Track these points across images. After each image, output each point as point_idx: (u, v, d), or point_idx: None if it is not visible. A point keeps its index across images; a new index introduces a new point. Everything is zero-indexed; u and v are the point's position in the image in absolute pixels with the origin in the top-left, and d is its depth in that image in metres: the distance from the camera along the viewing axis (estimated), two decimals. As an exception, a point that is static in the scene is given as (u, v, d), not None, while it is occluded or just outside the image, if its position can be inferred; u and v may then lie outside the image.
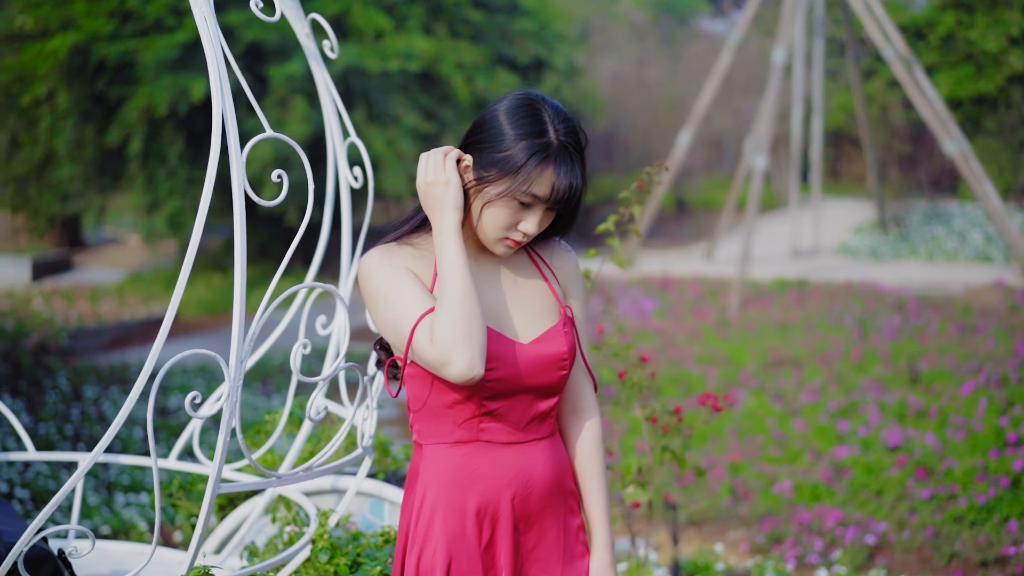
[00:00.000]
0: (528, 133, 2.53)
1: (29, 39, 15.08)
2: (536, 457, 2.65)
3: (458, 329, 2.41)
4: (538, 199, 2.54)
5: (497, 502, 2.60)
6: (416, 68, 15.53)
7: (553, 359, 2.62)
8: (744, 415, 8.57)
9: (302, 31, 3.37)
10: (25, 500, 6.55)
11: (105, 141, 15.01)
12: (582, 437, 2.77)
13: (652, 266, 17.26)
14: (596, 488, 2.76)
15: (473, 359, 2.41)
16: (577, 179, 2.55)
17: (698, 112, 16.47)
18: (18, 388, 9.34)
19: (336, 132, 3.43)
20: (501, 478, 2.60)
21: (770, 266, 16.83)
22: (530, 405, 2.62)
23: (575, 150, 2.56)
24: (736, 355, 10.71)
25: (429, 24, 16.58)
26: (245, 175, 2.50)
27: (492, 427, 2.59)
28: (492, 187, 2.53)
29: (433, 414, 2.60)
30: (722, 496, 6.96)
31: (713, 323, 12.53)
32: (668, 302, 13.94)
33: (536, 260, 2.75)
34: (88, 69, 14.73)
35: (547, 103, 2.58)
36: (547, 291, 2.71)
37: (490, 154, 2.54)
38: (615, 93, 25.16)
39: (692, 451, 7.73)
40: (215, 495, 2.44)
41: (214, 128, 2.47)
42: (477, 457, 2.59)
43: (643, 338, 11.64)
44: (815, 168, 18.89)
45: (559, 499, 2.69)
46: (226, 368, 2.43)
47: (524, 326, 2.64)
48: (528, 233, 2.56)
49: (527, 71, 18.21)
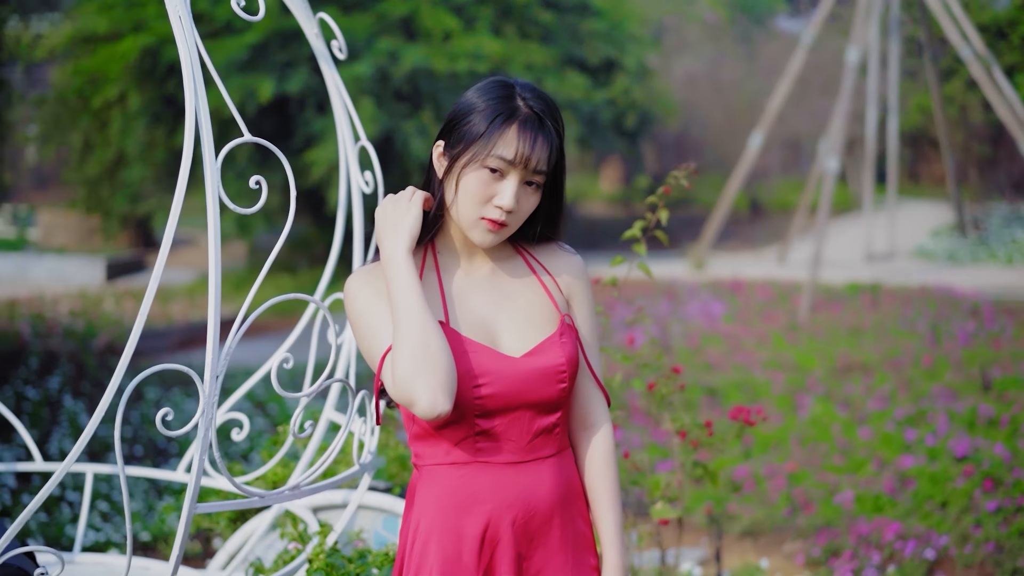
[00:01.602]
0: (495, 98, 2.44)
1: (101, 41, 15.23)
2: (540, 477, 2.49)
3: (414, 365, 2.29)
4: (505, 161, 2.40)
5: (497, 525, 2.44)
6: (484, 69, 15.45)
7: (550, 372, 2.46)
8: (809, 422, 8.37)
9: (311, 31, 3.27)
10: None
11: (175, 142, 15.12)
12: (592, 454, 2.60)
13: (723, 269, 17.04)
14: (607, 508, 2.59)
15: (435, 395, 2.28)
16: (547, 143, 2.43)
17: (770, 113, 16.23)
18: (80, 389, 9.38)
19: (347, 135, 3.32)
20: (502, 500, 2.45)
21: (843, 269, 16.55)
22: (531, 422, 2.47)
23: (546, 117, 2.45)
24: (804, 361, 10.49)
25: (498, 25, 16.50)
26: (220, 181, 2.40)
27: (490, 447, 2.45)
28: (461, 159, 2.43)
29: (427, 435, 2.47)
30: (780, 506, 6.78)
31: (782, 327, 12.30)
32: (737, 306, 13.73)
33: (533, 265, 2.60)
34: (158, 71, 14.83)
35: (520, 82, 2.49)
36: (545, 298, 2.56)
37: (459, 129, 2.45)
38: (689, 94, 24.95)
39: (753, 459, 7.57)
40: (191, 516, 2.34)
41: (186, 130, 2.37)
42: (475, 479, 2.45)
43: (710, 342, 11.46)
44: (891, 170, 18.56)
45: (566, 521, 2.53)
46: (200, 384, 2.33)
47: (518, 337, 2.49)
48: (503, 206, 2.41)
49: (597, 72, 18.07)
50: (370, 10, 15.31)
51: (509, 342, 2.49)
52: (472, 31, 15.90)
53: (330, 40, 3.30)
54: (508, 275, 2.56)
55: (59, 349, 10.90)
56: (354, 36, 14.66)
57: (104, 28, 15.30)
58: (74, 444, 7.24)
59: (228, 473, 2.41)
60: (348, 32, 14.62)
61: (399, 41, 15.19)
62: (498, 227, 2.44)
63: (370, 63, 14.31)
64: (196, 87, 2.36)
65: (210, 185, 2.35)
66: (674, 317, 12.94)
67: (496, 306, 2.51)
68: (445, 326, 2.44)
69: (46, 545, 5.64)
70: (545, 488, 2.49)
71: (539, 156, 2.43)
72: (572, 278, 2.62)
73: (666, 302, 13.94)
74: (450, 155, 2.46)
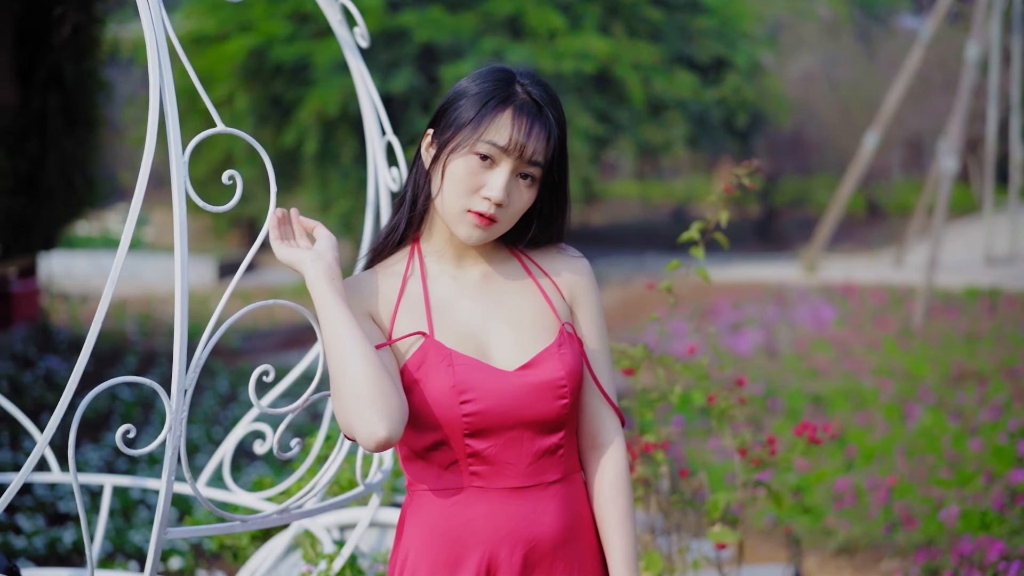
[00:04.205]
0: (490, 82, 2.23)
1: (210, 42, 15.36)
2: (544, 504, 2.24)
3: (337, 396, 2.10)
4: (497, 148, 2.18)
5: (495, 559, 2.21)
6: (591, 69, 15.26)
7: (548, 387, 2.22)
8: (917, 433, 8.03)
9: (334, 18, 3.10)
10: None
11: (282, 142, 15.18)
12: (601, 476, 2.33)
13: (835, 272, 16.64)
14: (616, 536, 2.31)
15: (367, 424, 2.06)
16: (545, 132, 2.21)
17: (886, 112, 15.80)
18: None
19: (374, 129, 3.13)
20: (498, 531, 2.21)
21: (961, 274, 16.01)
22: (530, 443, 2.22)
23: (545, 105, 2.23)
24: (916, 368, 10.11)
25: (606, 23, 16.30)
26: (187, 176, 2.23)
27: (485, 471, 2.21)
28: (450, 145, 2.21)
29: (417, 457, 2.25)
30: (880, 522, 6.47)
31: (895, 333, 11.91)
32: (848, 310, 13.37)
33: (531, 269, 2.36)
34: (265, 71, 14.91)
35: (520, 70, 2.28)
36: (543, 305, 2.31)
37: (451, 115, 2.24)
38: (805, 93, 24.49)
39: (855, 471, 7.26)
40: (161, 542, 2.18)
41: (149, 122, 2.19)
42: (470, 507, 2.21)
43: (818, 348, 11.15)
44: (1013, 171, 17.95)
45: (572, 555, 2.28)
46: (167, 400, 2.17)
47: (511, 349, 2.25)
48: (492, 198, 2.19)
49: (707, 70, 17.76)
50: (476, 9, 15.22)
51: (501, 354, 2.25)
52: (578, 30, 15.71)
53: (353, 27, 3.12)
54: (501, 280, 2.33)
55: (160, 348, 10.96)
56: (459, 35, 14.59)
57: (213, 29, 15.44)
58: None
59: (199, 490, 2.25)
60: (453, 31, 14.56)
61: (504, 40, 15.07)
62: (486, 222, 2.21)
63: (474, 62, 14.21)
64: (162, 77, 2.18)
65: (176, 179, 2.18)
66: (782, 322, 12.64)
67: (487, 315, 2.28)
68: (428, 338, 2.21)
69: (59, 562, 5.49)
70: (549, 517, 2.25)
71: (535, 146, 2.21)
72: (576, 283, 2.37)
73: (774, 306, 13.62)
74: (438, 142, 2.25)
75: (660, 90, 16.17)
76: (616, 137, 16.41)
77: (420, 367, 2.20)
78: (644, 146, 17.59)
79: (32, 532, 5.78)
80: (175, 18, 18.92)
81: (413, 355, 2.21)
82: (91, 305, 13.22)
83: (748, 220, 26.80)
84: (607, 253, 19.92)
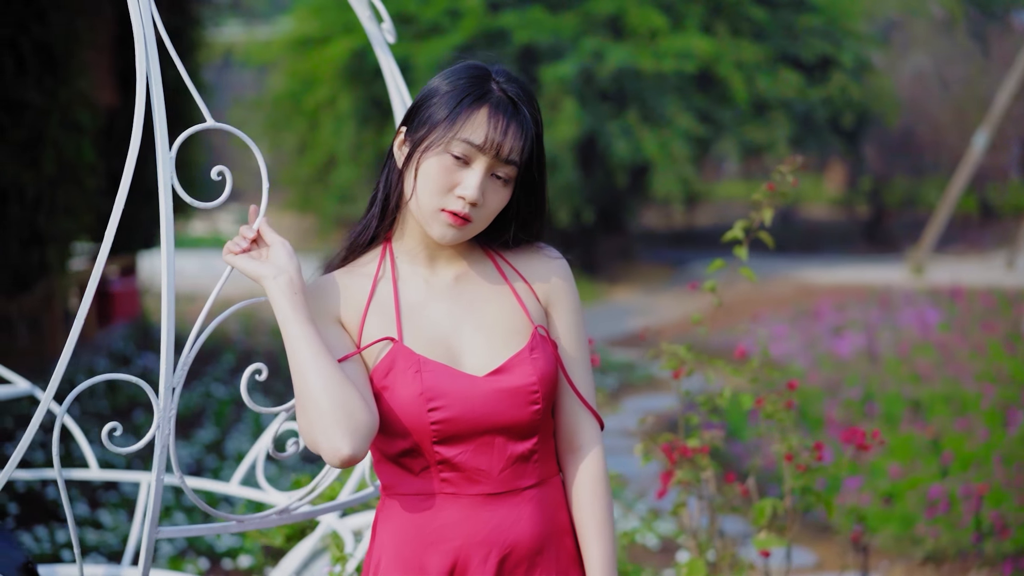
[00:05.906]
0: (464, 79, 2.18)
1: (314, 44, 15.54)
2: (518, 510, 2.20)
3: (301, 412, 2.06)
4: (472, 147, 2.13)
5: (466, 565, 2.17)
6: (692, 68, 15.13)
7: (519, 392, 2.17)
8: (1017, 439, 7.80)
9: (363, 14, 3.07)
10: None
11: (383, 143, 15.30)
12: (579, 480, 2.28)
13: (944, 275, 16.28)
14: (594, 540, 2.26)
15: (331, 440, 2.03)
16: (521, 131, 2.16)
17: (996, 111, 15.45)
18: (272, 388, 9.48)
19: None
20: (472, 537, 2.17)
21: (1076, 277, 15.61)
22: (503, 449, 2.18)
23: (521, 103, 2.18)
24: (1021, 374, 9.85)
25: (708, 22, 16.15)
26: (174, 171, 2.21)
27: (455, 477, 2.17)
28: (424, 143, 2.16)
29: (389, 461, 2.21)
30: (970, 530, 6.30)
31: (1002, 338, 11.60)
32: (955, 314, 13.06)
33: (505, 271, 2.30)
34: (366, 72, 15.03)
35: (496, 67, 2.23)
36: (517, 309, 2.25)
37: (424, 112, 2.19)
38: (916, 92, 24.03)
39: (950, 478, 7.09)
40: (152, 540, 2.18)
41: (136, 119, 2.16)
42: (440, 513, 2.18)
43: (921, 352, 10.91)
44: None
45: (549, 561, 2.23)
46: (155, 399, 2.16)
47: (482, 354, 2.20)
48: (466, 197, 2.13)
49: (812, 70, 17.50)
50: (576, 9, 15.17)
51: (472, 359, 2.20)
52: (680, 29, 15.59)
53: (380, 23, 3.10)
54: (475, 283, 2.27)
55: (259, 348, 11.09)
56: (559, 35, 14.56)
57: (318, 32, 15.62)
58: (252, 445, 7.26)
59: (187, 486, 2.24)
60: (554, 31, 14.53)
61: (605, 40, 15.00)
62: (460, 221, 2.16)
63: (574, 62, 14.17)
64: (150, 68, 2.16)
65: (163, 174, 2.16)
66: (885, 325, 12.39)
67: (458, 319, 2.23)
68: (397, 343, 2.17)
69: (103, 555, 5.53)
70: (524, 523, 2.20)
71: (511, 144, 2.15)
72: (552, 285, 2.31)
73: (878, 309, 13.37)
74: (411, 140, 2.20)
75: (764, 89, 15.98)
76: (718, 138, 16.23)
77: (388, 374, 2.16)
78: (748, 146, 17.39)
79: (112, 527, 5.89)
80: (285, 21, 19.18)
81: (381, 361, 2.18)
82: (197, 304, 13.41)
83: (857, 222, 26.35)
84: (711, 255, 19.74)
